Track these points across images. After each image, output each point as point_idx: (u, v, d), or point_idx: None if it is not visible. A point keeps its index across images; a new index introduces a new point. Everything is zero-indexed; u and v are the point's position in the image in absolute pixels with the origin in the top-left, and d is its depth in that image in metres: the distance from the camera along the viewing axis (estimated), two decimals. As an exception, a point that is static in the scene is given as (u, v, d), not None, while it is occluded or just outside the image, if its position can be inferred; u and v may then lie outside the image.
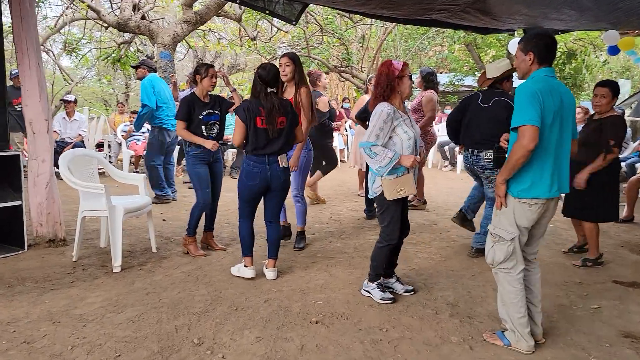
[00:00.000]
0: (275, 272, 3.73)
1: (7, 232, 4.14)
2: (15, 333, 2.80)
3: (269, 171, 3.52)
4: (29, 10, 4.09)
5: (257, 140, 3.47)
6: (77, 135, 8.13)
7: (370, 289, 3.41)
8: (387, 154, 3.10)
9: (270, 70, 3.46)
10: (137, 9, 10.84)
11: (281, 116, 3.49)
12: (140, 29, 10.24)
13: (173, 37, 9.89)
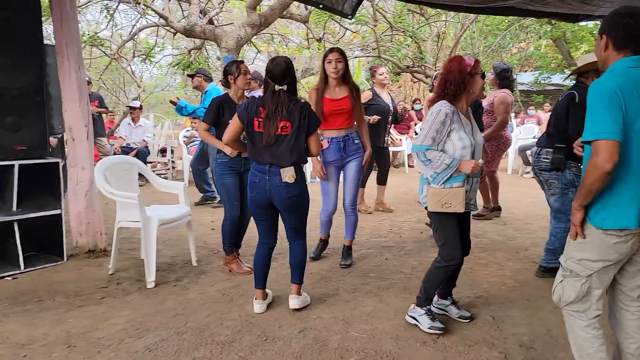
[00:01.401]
0: (299, 300, 3.17)
1: (47, 242, 4.03)
2: (26, 358, 2.58)
3: (269, 184, 2.98)
4: (69, 14, 3.97)
5: (253, 146, 3.00)
6: (142, 141, 8.19)
7: (417, 315, 2.88)
8: (443, 159, 2.61)
9: (278, 63, 2.93)
10: (204, 14, 10.90)
11: (283, 120, 2.92)
12: (205, 34, 10.23)
13: (237, 40, 9.77)
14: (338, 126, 3.87)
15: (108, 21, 11.53)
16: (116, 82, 18.09)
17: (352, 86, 3.87)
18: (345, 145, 3.88)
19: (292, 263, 3.17)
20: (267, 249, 3.17)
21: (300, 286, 3.19)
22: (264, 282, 3.19)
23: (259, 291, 3.17)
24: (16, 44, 3.70)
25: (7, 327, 2.93)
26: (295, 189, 2.97)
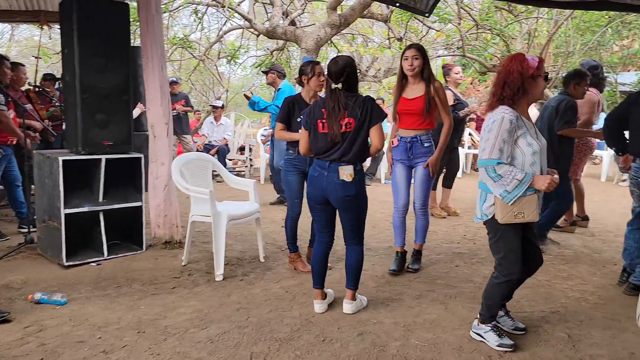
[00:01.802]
0: (352, 306, 3.11)
1: (129, 231, 4.30)
2: (100, 340, 2.75)
3: (326, 180, 2.95)
4: (154, 17, 4.19)
5: (317, 146, 2.99)
6: (222, 139, 8.51)
7: (482, 332, 2.72)
8: (515, 174, 2.43)
9: (335, 62, 2.92)
10: (287, 15, 11.13)
11: (346, 117, 2.90)
12: (286, 35, 10.44)
13: (316, 41, 9.87)
14: (407, 126, 3.78)
15: (197, 24, 12.14)
16: (206, 82, 18.98)
17: (430, 85, 3.67)
18: (412, 147, 3.77)
19: (347, 267, 3.13)
20: (323, 247, 3.16)
21: (354, 291, 3.14)
22: (322, 282, 3.18)
23: (317, 291, 3.17)
24: (108, 47, 3.97)
25: (88, 309, 3.15)
26: (351, 188, 2.93)
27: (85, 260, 3.95)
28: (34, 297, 3.21)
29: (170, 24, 12.02)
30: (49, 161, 3.89)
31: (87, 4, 3.88)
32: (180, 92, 9.08)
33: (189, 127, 9.01)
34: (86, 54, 3.86)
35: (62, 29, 4.02)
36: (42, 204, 4.08)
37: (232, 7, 11.06)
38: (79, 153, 3.91)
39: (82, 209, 3.90)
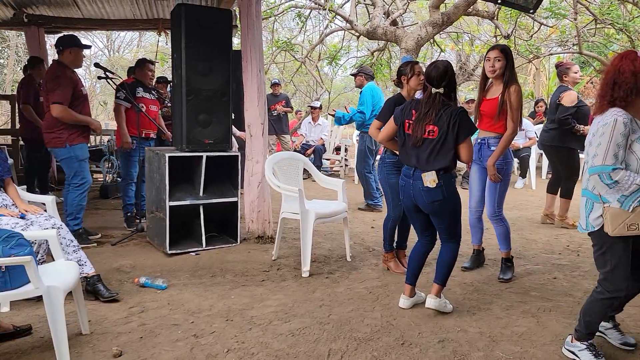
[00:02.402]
0: (435, 302, 3.06)
1: (225, 225, 4.56)
2: (193, 325, 2.95)
3: (412, 188, 2.96)
4: (255, 21, 4.40)
5: (403, 147, 2.98)
6: (319, 139, 8.69)
7: (576, 350, 2.51)
8: (634, 179, 2.23)
9: (436, 67, 2.89)
10: (388, 15, 11.06)
11: (431, 124, 2.86)
12: (387, 36, 10.38)
13: (416, 41, 9.70)
14: (481, 127, 3.71)
15: (300, 27, 12.51)
16: (310, 84, 19.48)
17: (506, 88, 3.49)
18: (481, 149, 3.67)
19: (438, 261, 3.12)
20: (423, 247, 3.17)
21: (440, 287, 3.09)
22: (414, 279, 3.18)
23: (407, 286, 3.19)
24: (211, 51, 4.24)
25: (184, 295, 3.40)
26: (437, 194, 2.90)
27: (186, 250, 4.26)
28: (140, 280, 3.53)
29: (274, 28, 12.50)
30: (157, 157, 4.25)
31: (194, 11, 4.18)
32: (282, 93, 9.42)
33: (288, 127, 9.32)
34: (192, 58, 4.15)
35: (173, 35, 4.36)
36: (151, 196, 4.47)
37: (334, 9, 11.23)
38: (183, 150, 4.23)
39: (184, 202, 4.21)
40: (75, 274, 2.59)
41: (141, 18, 6.97)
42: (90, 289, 3.20)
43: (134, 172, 5.07)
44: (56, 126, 4.25)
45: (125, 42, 21.67)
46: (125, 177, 5.11)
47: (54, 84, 4.19)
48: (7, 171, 3.34)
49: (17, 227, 2.88)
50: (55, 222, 3.15)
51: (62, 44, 4.33)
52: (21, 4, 6.19)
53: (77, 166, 4.30)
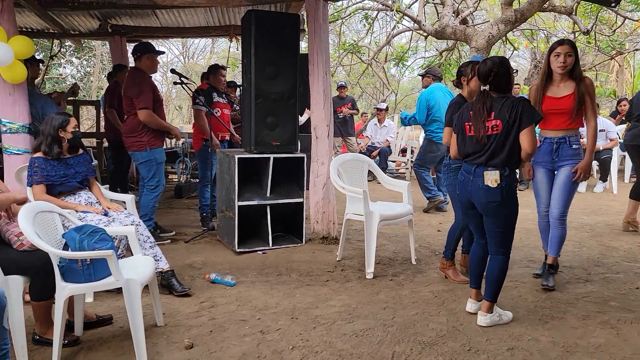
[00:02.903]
0: (487, 319, 2.92)
1: (291, 225, 4.64)
2: (259, 321, 3.04)
3: (471, 184, 2.85)
4: (322, 25, 4.47)
5: (465, 149, 2.91)
6: (385, 141, 8.64)
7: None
8: None
9: (484, 63, 2.81)
10: (458, 14, 10.80)
11: (492, 119, 2.76)
12: (456, 35, 10.13)
13: (487, 39, 9.40)
14: (554, 127, 3.48)
15: (367, 30, 12.50)
16: (376, 85, 19.41)
17: (581, 82, 3.39)
18: (559, 149, 3.46)
19: (486, 276, 2.99)
20: (480, 249, 3.07)
21: (490, 304, 2.95)
22: (478, 283, 3.09)
23: (473, 290, 3.11)
24: (279, 55, 4.34)
25: (252, 292, 3.50)
26: (496, 194, 2.78)
27: (253, 249, 4.38)
28: (210, 276, 3.68)
29: (341, 31, 12.57)
30: (227, 159, 4.41)
31: (263, 17, 4.30)
32: (348, 95, 9.46)
33: (354, 129, 9.34)
34: (261, 62, 4.27)
35: (243, 40, 4.51)
36: (222, 196, 4.64)
37: (401, 10, 11.13)
38: (251, 152, 4.36)
39: (252, 202, 4.34)
40: (152, 269, 2.74)
41: (214, 25, 7.25)
42: (165, 284, 3.37)
43: (210, 174, 5.29)
44: (138, 130, 4.43)
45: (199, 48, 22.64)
46: (202, 179, 5.33)
47: (137, 90, 4.37)
48: (92, 171, 3.60)
49: (100, 223, 3.10)
50: (134, 219, 3.36)
51: (139, 51, 4.54)
52: (106, 15, 6.64)
53: (155, 169, 4.51)
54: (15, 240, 2.58)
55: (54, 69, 14.96)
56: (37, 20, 6.50)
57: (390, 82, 14.56)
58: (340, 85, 9.10)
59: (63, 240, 2.58)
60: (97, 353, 2.62)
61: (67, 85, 14.87)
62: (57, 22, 6.52)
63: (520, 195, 3.11)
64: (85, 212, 3.25)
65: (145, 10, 6.25)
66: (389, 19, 11.89)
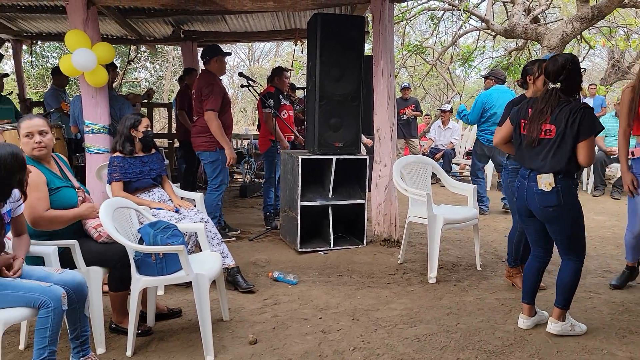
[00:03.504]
0: (557, 326, 2.80)
1: (352, 226, 4.65)
2: (321, 320, 3.08)
3: (527, 190, 2.72)
4: (387, 26, 4.45)
5: (518, 149, 2.79)
6: (449, 143, 8.45)
7: None
8: None
9: (554, 60, 2.67)
10: (529, 12, 10.39)
11: (548, 123, 2.62)
12: (526, 34, 9.75)
13: (561, 38, 8.97)
14: None
15: (432, 30, 12.27)
16: (440, 87, 19.03)
17: None
18: None
19: (557, 282, 2.85)
20: (537, 262, 2.93)
21: (562, 311, 2.82)
22: (531, 297, 2.94)
23: (525, 306, 2.96)
24: (344, 57, 4.36)
25: (313, 292, 3.54)
26: (552, 198, 2.65)
27: (315, 249, 4.43)
28: (273, 275, 3.76)
29: (405, 32, 12.42)
30: (291, 159, 4.49)
31: (329, 20, 4.34)
32: (411, 97, 9.34)
33: (417, 131, 9.20)
34: (326, 64, 4.32)
35: (309, 43, 4.57)
36: (285, 196, 4.73)
37: (469, 9, 10.85)
38: (314, 153, 4.41)
39: (314, 203, 4.38)
40: (219, 265, 2.84)
41: (280, 29, 7.41)
42: (230, 280, 3.48)
43: (276, 174, 5.40)
44: (208, 131, 4.55)
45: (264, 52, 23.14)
46: (268, 179, 5.45)
47: (208, 92, 4.50)
48: (165, 169, 3.79)
49: (172, 220, 3.25)
50: (203, 217, 3.50)
51: (208, 54, 4.68)
52: (179, 22, 6.95)
53: (220, 169, 4.67)
54: (93, 232, 2.75)
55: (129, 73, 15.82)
56: (116, 27, 6.91)
57: (455, 83, 14.24)
58: (403, 87, 9.00)
59: (138, 234, 2.73)
60: (167, 343, 2.76)
61: (142, 88, 15.69)
62: (134, 29, 6.89)
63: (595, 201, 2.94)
64: (158, 209, 3.42)
65: (216, 16, 6.48)
66: (455, 19, 11.59)
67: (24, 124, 2.66)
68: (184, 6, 4.47)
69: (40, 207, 2.55)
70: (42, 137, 2.65)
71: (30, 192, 2.38)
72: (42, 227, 2.59)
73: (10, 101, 5.92)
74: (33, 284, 2.15)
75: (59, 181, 2.72)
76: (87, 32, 4.13)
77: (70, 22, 4.19)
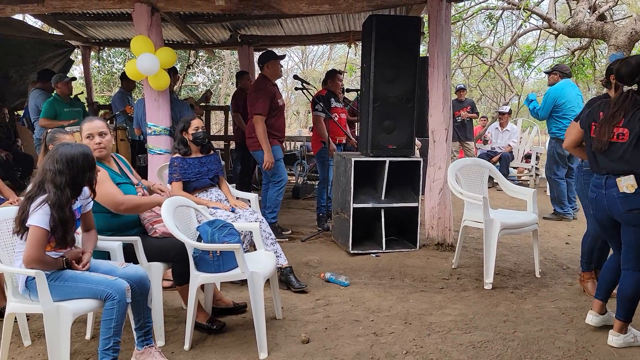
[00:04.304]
0: (619, 339, 2.67)
1: (405, 229, 4.60)
2: (373, 323, 3.06)
3: (606, 198, 2.56)
4: (444, 27, 4.38)
5: (589, 150, 2.64)
6: (507, 146, 8.20)
7: None
8: None
9: (627, 62, 2.55)
10: (594, 9, 9.92)
11: (621, 127, 2.47)
12: (591, 32, 9.30)
13: (630, 36, 8.49)
14: None
15: (490, 30, 11.94)
16: (497, 88, 18.50)
17: None
18: None
19: (618, 294, 2.70)
20: (617, 262, 2.79)
21: (623, 324, 2.68)
22: (605, 295, 2.84)
23: (596, 302, 2.88)
24: (399, 59, 4.33)
25: (365, 294, 3.54)
26: (637, 201, 2.49)
27: (367, 251, 4.41)
28: (325, 275, 3.78)
29: (462, 32, 12.17)
30: (344, 161, 4.50)
31: (384, 21, 4.32)
32: (467, 98, 9.14)
33: (472, 134, 8.99)
34: (380, 66, 4.29)
35: (363, 45, 4.57)
36: (337, 198, 4.75)
37: (529, 8, 10.47)
38: (367, 155, 4.40)
39: (367, 205, 4.37)
40: (273, 264, 2.89)
41: (334, 32, 7.45)
42: (283, 279, 3.53)
43: (329, 176, 5.45)
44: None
45: (317, 55, 23.32)
46: (322, 181, 5.50)
47: (256, 96, 4.73)
48: (221, 170, 3.89)
49: (228, 219, 3.33)
50: (258, 217, 3.57)
51: (262, 60, 4.88)
52: (236, 27, 7.14)
53: (276, 165, 4.78)
54: (150, 228, 2.88)
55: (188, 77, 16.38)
56: (177, 33, 7.19)
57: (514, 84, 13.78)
58: (459, 88, 8.82)
59: (197, 232, 2.82)
60: (222, 339, 2.83)
61: (200, 92, 16.20)
62: (193, 34, 7.15)
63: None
64: (215, 208, 3.52)
65: (272, 20, 6.61)
66: (514, 18, 11.22)
67: (85, 126, 2.81)
68: (242, 11, 4.58)
69: (118, 192, 2.70)
70: (101, 138, 2.79)
71: (101, 184, 2.53)
72: (123, 211, 2.72)
73: (81, 102, 6.26)
74: (100, 277, 2.28)
75: (119, 178, 2.86)
76: (151, 37, 4.31)
77: (135, 28, 4.40)
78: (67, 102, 5.81)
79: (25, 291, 2.27)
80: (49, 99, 5.74)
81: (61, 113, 5.67)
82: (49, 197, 2.20)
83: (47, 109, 5.61)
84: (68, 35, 7.44)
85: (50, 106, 5.63)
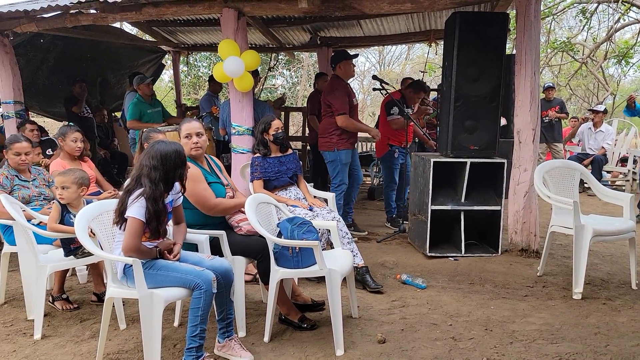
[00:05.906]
0: None
1: (486, 233, 4.44)
2: (451, 327, 3.00)
3: None
4: (532, 22, 4.17)
5: None
6: (600, 148, 7.66)
7: None
8: None
9: None
10: None
11: None
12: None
13: None
14: None
15: (583, 25, 11.22)
16: (589, 87, 17.36)
17: None
18: None
19: None
20: None
21: None
22: None
23: None
24: (483, 57, 4.19)
25: (443, 297, 3.46)
26: None
27: (445, 254, 4.31)
28: (401, 277, 3.75)
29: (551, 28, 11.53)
30: (422, 162, 4.43)
31: (468, 18, 4.20)
32: (556, 98, 8.64)
33: (561, 135, 8.49)
34: (463, 64, 4.18)
35: (445, 43, 4.47)
36: (414, 199, 4.68)
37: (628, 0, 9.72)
38: (447, 156, 4.30)
39: (446, 207, 4.27)
40: (350, 262, 2.91)
41: (414, 31, 7.35)
42: (359, 279, 3.54)
43: (395, 178, 5.39)
44: (328, 132, 4.86)
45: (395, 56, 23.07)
46: (389, 183, 5.46)
47: (332, 97, 4.80)
48: (300, 169, 3.98)
49: (306, 217, 3.40)
50: (335, 215, 3.61)
51: (334, 61, 4.95)
52: (316, 28, 7.25)
53: (339, 169, 4.84)
54: (235, 226, 3.00)
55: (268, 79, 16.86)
56: (259, 36, 7.42)
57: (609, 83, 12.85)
58: (547, 87, 8.36)
59: (277, 229, 2.91)
60: (300, 334, 2.89)
61: (278, 94, 16.61)
62: (275, 37, 7.34)
63: None
64: (294, 206, 3.61)
65: (351, 21, 6.64)
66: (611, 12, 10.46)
67: (184, 126, 3.00)
68: (323, 13, 4.65)
69: (211, 195, 2.87)
70: (198, 138, 2.97)
71: (195, 184, 2.68)
72: (213, 214, 2.90)
73: (159, 103, 6.47)
74: (189, 267, 2.41)
75: (210, 177, 3.01)
76: (237, 41, 4.49)
77: (222, 32, 4.60)
78: (149, 102, 6.05)
79: (123, 278, 2.46)
80: (132, 101, 5.95)
81: (145, 114, 5.92)
82: (145, 190, 2.37)
83: (133, 111, 5.85)
84: (160, 41, 7.92)
85: (135, 107, 5.86)
